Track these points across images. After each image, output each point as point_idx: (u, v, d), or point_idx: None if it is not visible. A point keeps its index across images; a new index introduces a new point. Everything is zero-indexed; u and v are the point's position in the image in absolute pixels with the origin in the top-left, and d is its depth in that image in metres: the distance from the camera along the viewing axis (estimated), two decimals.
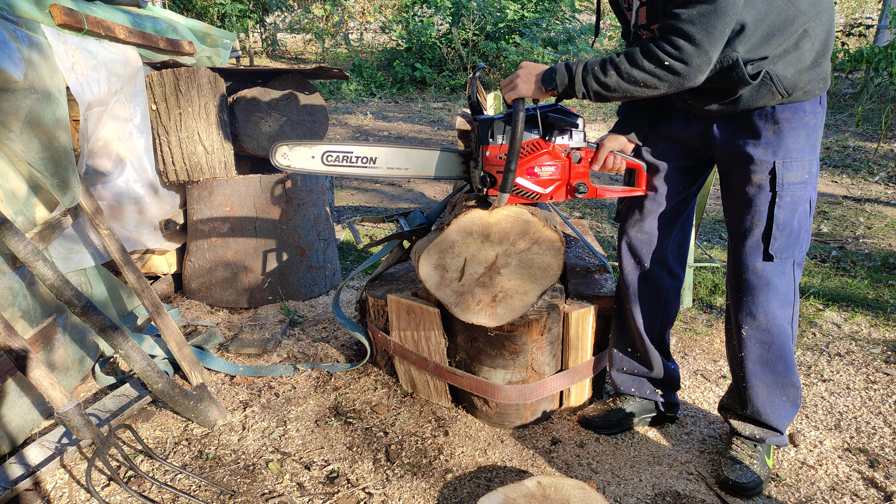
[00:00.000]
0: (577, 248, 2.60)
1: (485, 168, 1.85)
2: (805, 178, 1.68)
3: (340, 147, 1.97)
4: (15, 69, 1.90)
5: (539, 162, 1.84)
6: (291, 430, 2.11)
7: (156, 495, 1.79)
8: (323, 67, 2.97)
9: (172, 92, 2.74)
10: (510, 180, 1.75)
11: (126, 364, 2.38)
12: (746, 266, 1.74)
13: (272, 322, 2.80)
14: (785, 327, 1.78)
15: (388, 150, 1.98)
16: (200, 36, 3.46)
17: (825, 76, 1.65)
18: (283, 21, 12.61)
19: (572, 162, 1.87)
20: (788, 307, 1.77)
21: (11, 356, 1.76)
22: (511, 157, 1.72)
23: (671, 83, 1.54)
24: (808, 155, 1.67)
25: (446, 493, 1.82)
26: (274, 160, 1.95)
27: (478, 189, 1.92)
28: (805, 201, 1.70)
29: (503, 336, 1.98)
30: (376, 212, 4.83)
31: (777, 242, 1.71)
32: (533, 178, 1.84)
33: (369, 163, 1.99)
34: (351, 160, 1.98)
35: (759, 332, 1.78)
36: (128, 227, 2.74)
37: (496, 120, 1.84)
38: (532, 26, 9.97)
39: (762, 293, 1.75)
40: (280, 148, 1.95)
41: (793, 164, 1.66)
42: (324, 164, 1.98)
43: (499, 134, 1.83)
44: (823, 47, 1.62)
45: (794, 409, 1.87)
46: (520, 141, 1.70)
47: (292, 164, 1.97)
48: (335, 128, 7.83)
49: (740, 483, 1.80)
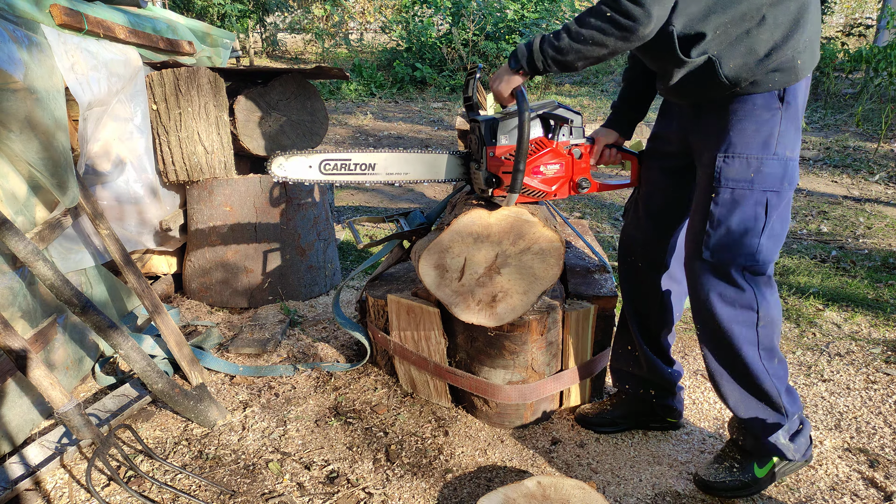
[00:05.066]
0: (577, 248, 2.60)
1: (489, 169, 1.84)
2: (750, 176, 1.57)
3: (338, 155, 1.95)
4: (14, 69, 1.90)
5: (544, 160, 1.83)
6: (291, 430, 2.11)
7: (156, 495, 1.79)
8: (323, 67, 2.97)
9: (172, 92, 2.74)
10: (519, 180, 1.74)
11: (126, 364, 2.38)
12: (689, 265, 1.70)
13: (272, 322, 2.80)
14: (738, 332, 1.67)
15: (386, 155, 1.97)
16: (200, 36, 3.46)
17: (787, 68, 1.53)
18: (283, 21, 12.61)
19: (574, 158, 1.87)
20: (744, 312, 1.66)
21: (11, 356, 1.76)
22: (519, 156, 1.70)
23: (616, 37, 1.49)
24: (758, 152, 1.56)
25: (446, 493, 1.82)
26: (270, 171, 1.94)
27: (481, 190, 1.91)
28: (755, 203, 1.58)
29: (503, 336, 1.98)
30: (376, 212, 4.83)
31: (711, 240, 1.63)
32: (538, 176, 1.84)
33: (368, 169, 1.98)
34: (349, 167, 1.97)
35: (704, 328, 1.73)
36: (128, 228, 2.74)
37: (497, 120, 1.83)
38: (532, 26, 9.97)
39: (702, 293, 1.68)
40: (276, 159, 1.94)
41: (734, 160, 1.57)
42: (321, 174, 1.97)
43: (502, 134, 1.82)
44: (786, 37, 1.51)
45: (777, 415, 1.74)
46: (528, 140, 1.68)
47: (289, 175, 1.96)
48: (335, 128, 7.83)
49: (700, 477, 1.81)
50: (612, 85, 10.49)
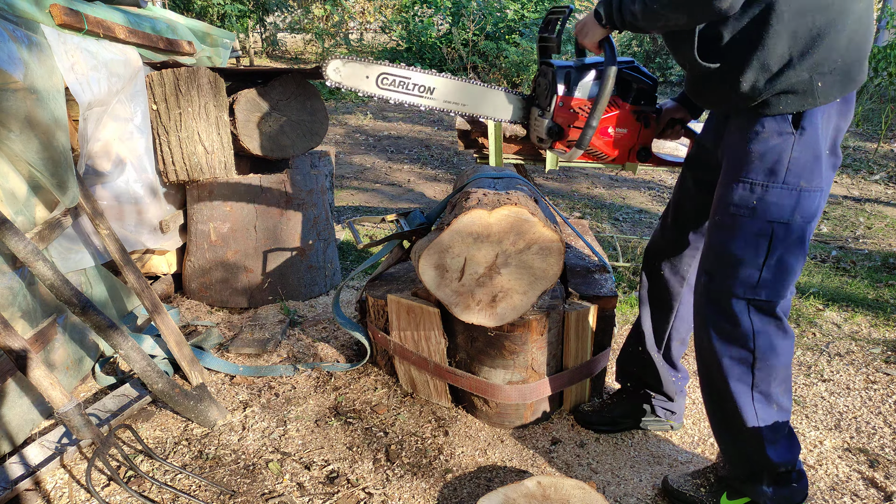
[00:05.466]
0: (577, 248, 2.60)
1: (555, 119, 1.74)
2: (753, 203, 1.44)
3: (398, 71, 1.85)
4: (14, 69, 1.90)
5: (613, 122, 1.74)
6: (291, 430, 2.11)
7: (156, 495, 1.79)
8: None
9: (172, 92, 2.74)
10: (588, 136, 1.66)
11: (126, 364, 2.38)
12: (695, 286, 1.64)
13: (272, 322, 2.80)
14: (729, 367, 1.57)
15: (447, 81, 1.88)
16: (200, 36, 3.46)
17: (803, 90, 1.37)
18: (283, 21, 12.61)
19: (643, 126, 1.77)
20: (737, 349, 1.55)
21: (11, 356, 1.76)
22: (595, 112, 1.62)
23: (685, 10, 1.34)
24: (763, 179, 1.43)
25: (446, 493, 1.82)
26: (325, 73, 1.84)
27: (539, 139, 1.82)
28: (756, 233, 1.46)
29: (503, 336, 1.98)
30: (376, 212, 4.83)
31: (709, 265, 1.55)
32: (605, 137, 1.75)
33: (426, 92, 1.87)
34: (408, 87, 1.86)
35: (699, 354, 1.66)
36: (128, 228, 2.74)
37: (573, 68, 1.72)
38: (532, 26, 9.97)
39: (699, 318, 1.62)
40: (333, 62, 1.84)
41: (738, 185, 1.46)
42: (378, 87, 1.86)
43: (576, 85, 1.71)
44: (803, 54, 1.35)
45: (755, 463, 1.62)
46: (608, 98, 1.60)
47: (344, 82, 1.86)
48: (335, 128, 7.82)
49: (668, 480, 1.81)
50: None
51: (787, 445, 1.62)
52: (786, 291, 1.51)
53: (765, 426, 1.58)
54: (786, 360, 1.57)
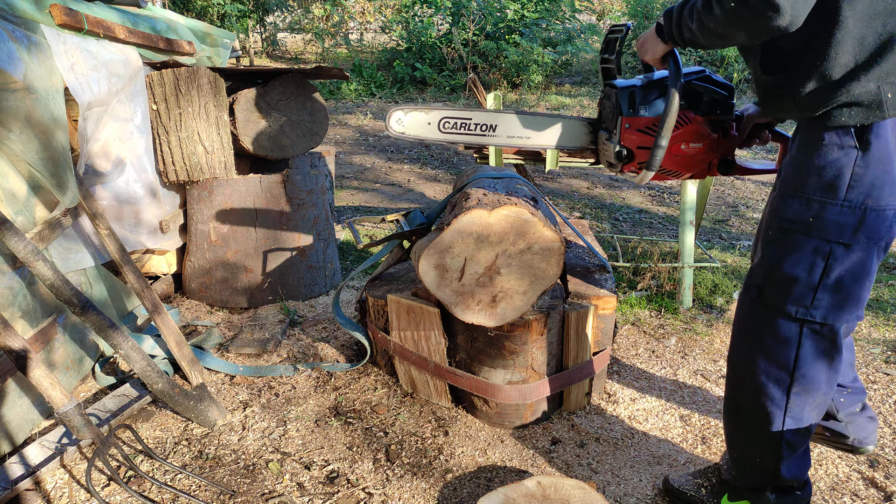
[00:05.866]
0: (577, 248, 2.60)
1: (622, 142, 1.68)
2: (809, 220, 1.35)
3: (458, 114, 1.86)
4: (14, 69, 1.90)
5: (686, 138, 1.66)
6: (291, 430, 2.11)
7: (156, 495, 1.79)
8: (323, 67, 2.97)
9: (172, 92, 2.74)
10: (659, 157, 1.59)
11: (126, 364, 2.38)
12: (740, 296, 1.56)
13: (272, 322, 2.80)
14: (765, 386, 1.49)
15: (507, 116, 1.87)
16: (200, 36, 3.46)
17: (869, 102, 1.27)
18: (283, 21, 12.62)
19: (720, 136, 1.68)
20: (776, 370, 1.47)
21: (11, 356, 1.76)
22: (663, 131, 1.55)
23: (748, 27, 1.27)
24: (820, 196, 1.33)
25: (446, 493, 1.82)
26: (389, 127, 1.87)
27: (609, 164, 1.78)
28: (812, 251, 1.36)
29: (503, 336, 1.98)
30: (376, 212, 4.83)
31: (759, 279, 1.47)
32: (678, 155, 1.68)
33: (489, 130, 1.87)
34: (469, 127, 1.87)
35: (731, 362, 1.60)
36: (127, 227, 2.74)
37: (637, 87, 1.67)
38: (532, 26, 9.98)
39: (741, 329, 1.54)
40: (395, 113, 1.86)
41: (794, 200, 1.38)
42: (440, 132, 1.88)
43: (642, 105, 1.66)
44: (869, 62, 1.25)
45: (767, 476, 1.57)
46: (675, 115, 1.54)
47: (407, 132, 1.88)
48: (335, 128, 7.83)
49: (669, 479, 1.79)
50: None
51: (800, 462, 1.59)
52: (845, 315, 1.41)
53: (785, 445, 1.53)
54: (826, 388, 1.49)
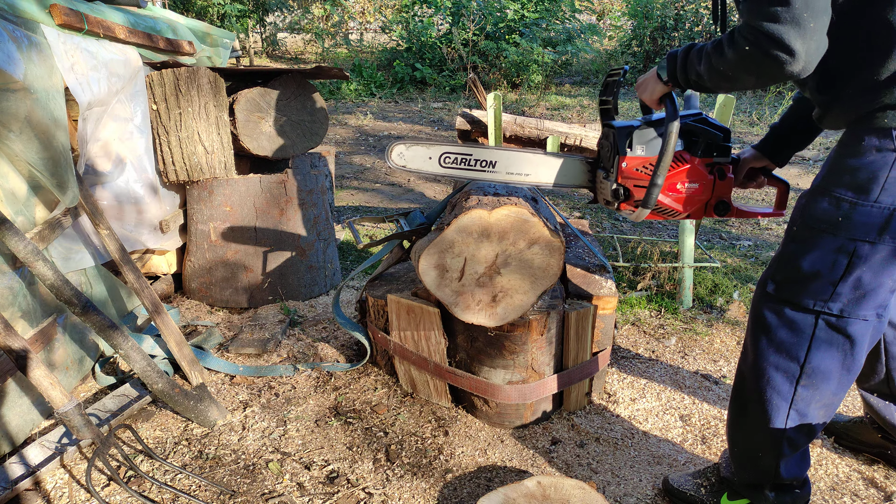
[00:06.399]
0: (577, 248, 2.60)
1: (619, 180, 1.72)
2: (838, 220, 1.34)
3: (459, 149, 1.89)
4: (14, 69, 1.90)
5: (682, 178, 1.69)
6: (291, 430, 2.11)
7: (156, 495, 1.79)
8: (323, 67, 2.97)
9: (172, 92, 2.74)
10: (654, 195, 1.63)
11: (126, 364, 2.38)
12: (757, 288, 1.55)
13: (272, 322, 2.80)
14: (773, 378, 1.49)
15: (508, 154, 1.89)
16: (200, 36, 3.46)
17: None
18: (283, 21, 12.62)
19: (716, 178, 1.71)
20: (786, 361, 1.47)
21: (11, 356, 1.76)
22: (659, 170, 1.59)
23: (760, 72, 1.28)
24: (853, 196, 1.32)
25: (446, 493, 1.82)
26: (390, 160, 1.90)
27: (606, 202, 1.82)
28: (836, 250, 1.36)
29: (503, 336, 1.98)
30: (376, 212, 4.83)
31: (774, 270, 1.48)
32: (674, 194, 1.71)
33: (489, 167, 1.91)
34: (469, 163, 1.90)
35: (743, 354, 1.60)
36: (128, 227, 2.74)
37: (635, 127, 1.71)
38: (532, 26, 9.98)
39: (755, 321, 1.53)
40: (396, 147, 1.90)
41: (823, 199, 1.37)
42: (441, 167, 1.91)
43: (639, 144, 1.70)
44: None
45: (766, 474, 1.59)
46: (671, 155, 1.57)
47: (408, 165, 1.91)
48: (335, 128, 7.83)
49: (668, 480, 1.80)
50: None
51: (799, 461, 1.59)
52: (863, 311, 1.40)
53: (786, 442, 1.53)
54: (836, 389, 1.47)
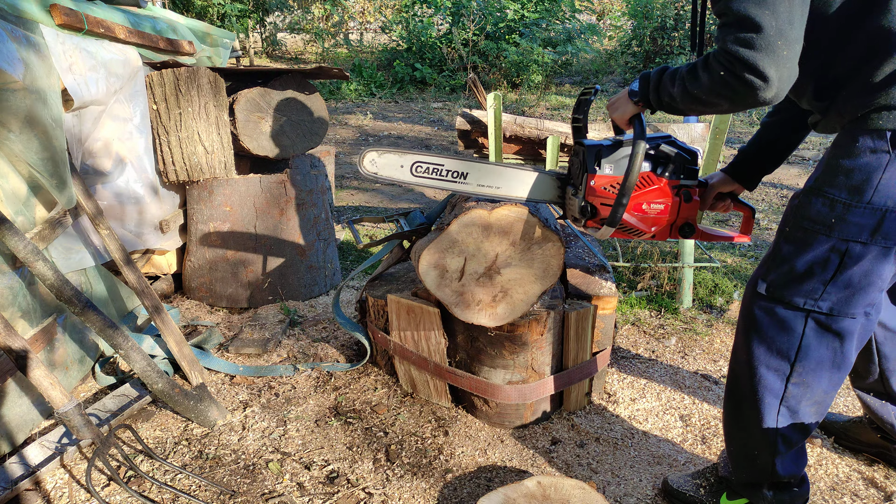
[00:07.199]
0: (577, 248, 2.60)
1: (587, 198, 1.74)
2: (831, 221, 1.34)
3: (430, 159, 1.90)
4: (14, 69, 1.90)
5: (648, 198, 1.72)
6: (291, 430, 2.11)
7: (156, 495, 1.79)
8: (323, 67, 2.97)
9: (172, 92, 2.74)
10: (619, 215, 1.64)
11: (126, 364, 2.38)
12: (747, 287, 1.56)
13: (272, 322, 2.80)
14: (763, 376, 1.50)
15: (480, 166, 1.90)
16: (200, 36, 3.46)
17: None
18: (283, 21, 12.62)
19: (682, 201, 1.74)
20: (776, 359, 1.49)
21: (11, 356, 1.76)
22: (624, 189, 1.61)
23: (730, 99, 1.31)
24: (846, 197, 1.32)
25: (446, 493, 1.82)
26: (362, 167, 1.91)
27: (573, 218, 1.84)
28: (829, 250, 1.36)
29: (503, 336, 1.98)
30: (376, 212, 4.83)
31: (766, 270, 1.49)
32: (639, 214, 1.73)
33: (459, 178, 1.92)
34: (441, 173, 1.91)
35: (734, 353, 1.61)
36: (128, 227, 2.74)
37: (604, 146, 1.72)
38: (532, 26, 9.98)
39: (745, 319, 1.54)
40: (369, 154, 1.90)
41: (817, 200, 1.37)
42: (412, 175, 1.92)
43: (607, 163, 1.71)
44: None
45: (762, 472, 1.59)
46: (636, 175, 1.58)
47: (380, 173, 1.92)
48: (335, 128, 7.83)
49: (668, 481, 1.80)
50: (612, 86, 10.49)
51: (796, 459, 1.60)
52: (852, 309, 1.41)
53: (780, 439, 1.54)
54: (827, 387, 1.48)
